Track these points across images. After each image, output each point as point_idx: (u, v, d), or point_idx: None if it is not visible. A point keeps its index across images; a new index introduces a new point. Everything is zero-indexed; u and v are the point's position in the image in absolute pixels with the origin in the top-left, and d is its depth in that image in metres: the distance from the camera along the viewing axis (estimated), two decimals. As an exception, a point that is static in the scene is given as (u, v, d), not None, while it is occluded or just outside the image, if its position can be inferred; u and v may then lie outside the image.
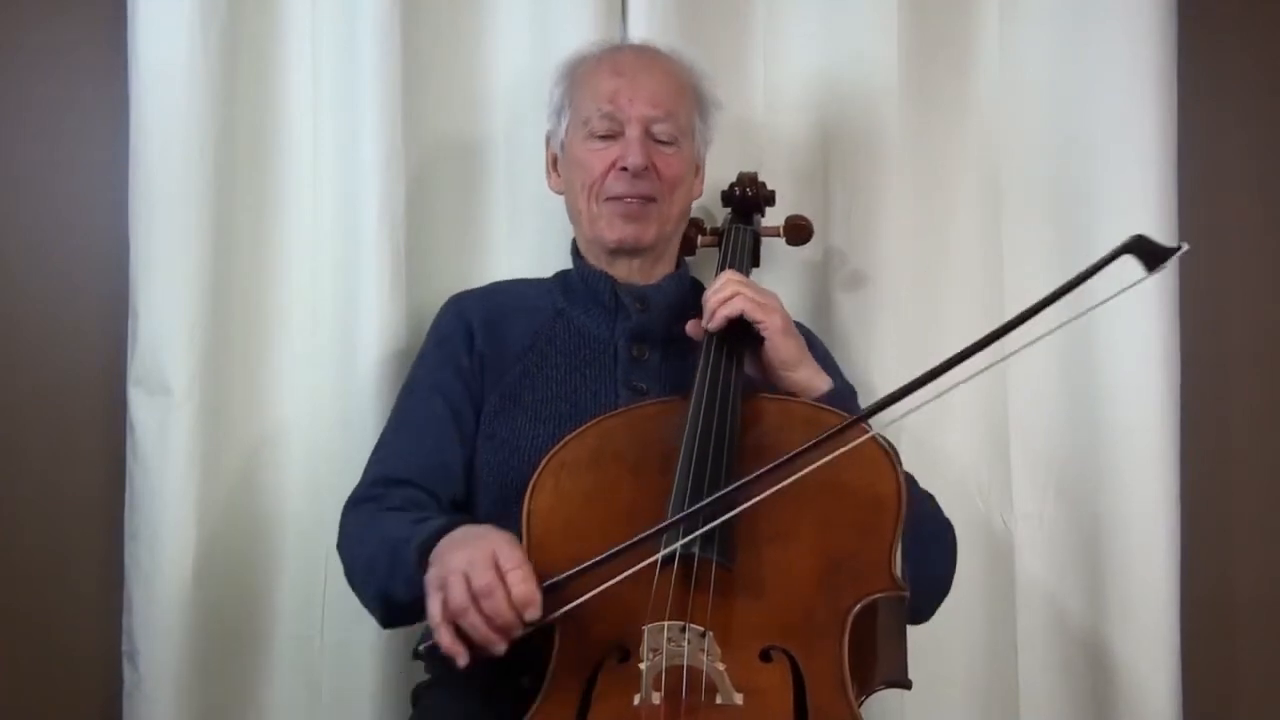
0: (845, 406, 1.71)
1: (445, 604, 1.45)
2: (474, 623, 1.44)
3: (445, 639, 1.46)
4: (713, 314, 1.72)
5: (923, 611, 1.76)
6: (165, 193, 1.98)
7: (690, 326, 1.77)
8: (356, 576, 1.74)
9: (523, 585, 1.44)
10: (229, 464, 2.04)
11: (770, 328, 1.72)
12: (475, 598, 1.44)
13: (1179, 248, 1.33)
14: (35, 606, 2.11)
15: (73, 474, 2.12)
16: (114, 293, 2.04)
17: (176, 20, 1.98)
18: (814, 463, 1.46)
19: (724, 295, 1.73)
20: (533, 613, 1.44)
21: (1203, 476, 2.22)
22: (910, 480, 1.64)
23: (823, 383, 1.75)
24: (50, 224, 2.12)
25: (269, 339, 2.09)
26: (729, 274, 1.77)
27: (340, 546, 1.78)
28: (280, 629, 2.09)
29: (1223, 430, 2.30)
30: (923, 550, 1.65)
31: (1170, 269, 2.06)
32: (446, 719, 1.74)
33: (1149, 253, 1.32)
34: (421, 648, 1.50)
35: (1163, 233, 2.07)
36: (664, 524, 1.47)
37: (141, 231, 2.00)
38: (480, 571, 1.44)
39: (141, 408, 2.00)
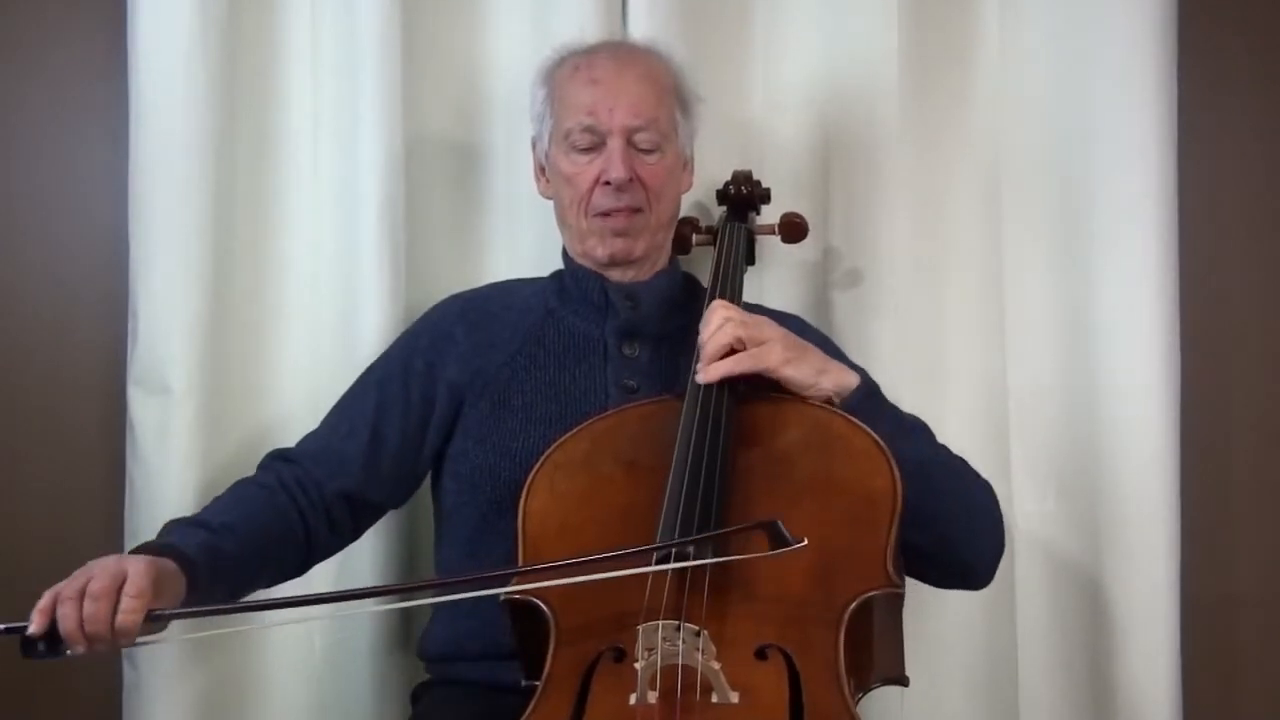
0: (872, 402, 1.72)
1: (61, 589, 1.50)
2: (67, 613, 1.48)
3: (41, 602, 1.49)
4: (706, 365, 1.67)
5: (982, 571, 1.77)
6: (165, 192, 1.98)
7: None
8: None
9: (129, 616, 1.48)
10: (229, 463, 2.03)
11: (771, 368, 1.67)
12: (81, 594, 1.48)
13: (802, 542, 1.43)
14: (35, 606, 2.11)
15: (73, 474, 2.12)
16: (114, 293, 2.04)
17: (176, 20, 1.97)
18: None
19: (716, 344, 1.67)
20: (124, 642, 1.49)
21: (1203, 476, 2.21)
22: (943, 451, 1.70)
23: (850, 380, 1.71)
24: (50, 224, 2.13)
25: (269, 338, 2.09)
26: (720, 311, 1.70)
27: None
28: (280, 629, 2.08)
29: (1223, 430, 2.30)
30: (967, 505, 1.71)
31: (1167, 268, 2.08)
32: (446, 719, 1.75)
33: (776, 536, 1.44)
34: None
35: (1163, 232, 2.07)
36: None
37: (141, 231, 2.00)
38: (101, 578, 1.49)
39: (141, 407, 1.99)
